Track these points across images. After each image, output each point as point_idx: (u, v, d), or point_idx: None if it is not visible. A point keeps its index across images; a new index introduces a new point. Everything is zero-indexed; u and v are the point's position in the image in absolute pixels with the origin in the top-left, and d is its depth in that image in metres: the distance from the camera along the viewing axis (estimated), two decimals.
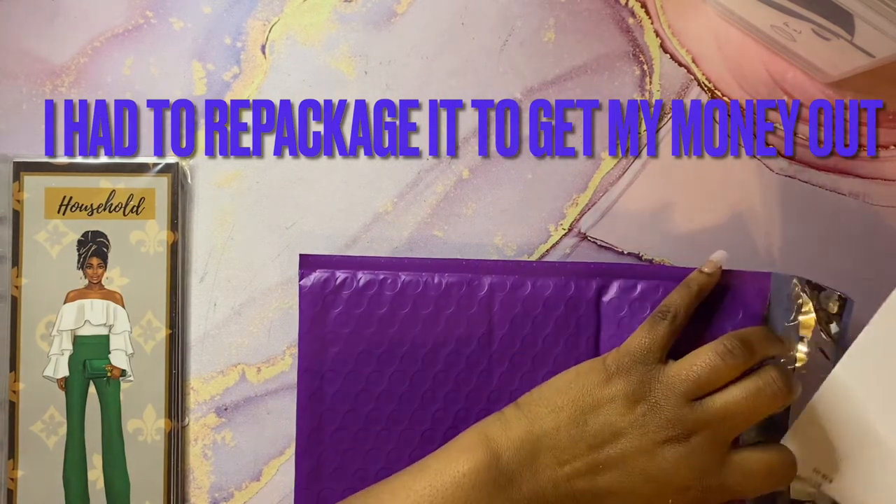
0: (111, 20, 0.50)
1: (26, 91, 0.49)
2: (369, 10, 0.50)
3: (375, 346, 0.46)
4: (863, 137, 0.49)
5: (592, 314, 0.46)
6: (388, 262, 0.47)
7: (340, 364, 0.46)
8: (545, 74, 0.50)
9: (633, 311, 0.46)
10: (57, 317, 0.48)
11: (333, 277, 0.46)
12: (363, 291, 0.46)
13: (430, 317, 0.46)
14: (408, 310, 0.46)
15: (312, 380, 0.46)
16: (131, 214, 0.48)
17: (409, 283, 0.46)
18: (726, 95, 0.49)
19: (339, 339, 0.46)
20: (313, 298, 0.46)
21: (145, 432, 0.47)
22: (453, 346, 0.46)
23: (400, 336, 0.46)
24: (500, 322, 0.46)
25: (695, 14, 0.50)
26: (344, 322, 0.46)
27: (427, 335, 0.46)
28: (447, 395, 0.46)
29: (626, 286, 0.46)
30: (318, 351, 0.46)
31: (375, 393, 0.46)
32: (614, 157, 0.49)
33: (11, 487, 0.47)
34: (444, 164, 0.49)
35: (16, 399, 0.47)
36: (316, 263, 0.47)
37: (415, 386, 0.46)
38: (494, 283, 0.46)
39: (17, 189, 0.48)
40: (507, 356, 0.46)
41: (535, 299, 0.46)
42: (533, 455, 0.41)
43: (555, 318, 0.46)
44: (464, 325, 0.46)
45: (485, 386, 0.46)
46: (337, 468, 0.46)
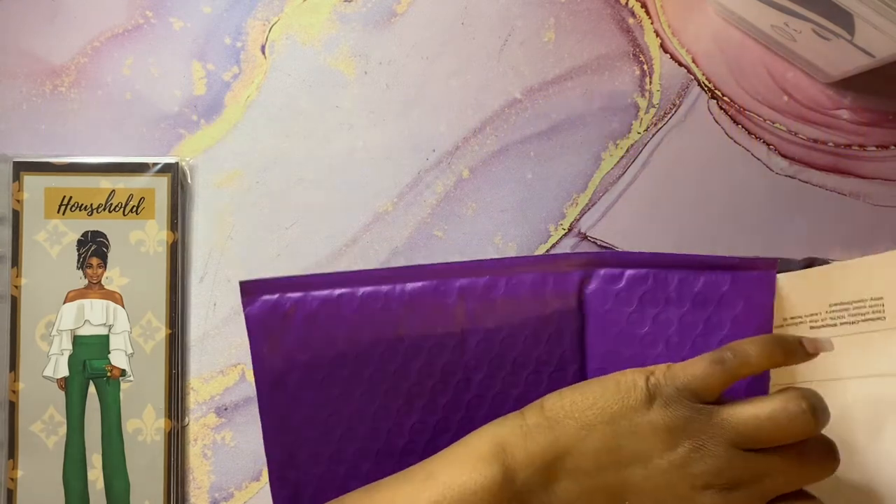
0: (111, 20, 0.50)
1: (26, 91, 0.49)
2: (369, 10, 0.50)
3: (339, 369, 0.43)
4: (863, 137, 0.49)
5: (575, 309, 0.43)
6: (344, 278, 0.43)
7: (302, 392, 0.43)
8: (545, 74, 0.50)
9: (619, 303, 0.43)
10: (57, 317, 0.48)
11: (283, 301, 0.43)
12: (318, 312, 0.43)
13: (396, 331, 0.43)
14: (370, 327, 0.43)
15: (274, 412, 0.43)
16: (131, 214, 0.48)
17: (368, 296, 0.43)
18: (726, 95, 0.49)
19: (297, 367, 0.43)
20: (263, 327, 0.43)
21: (145, 432, 0.47)
22: (425, 357, 0.43)
23: (365, 355, 0.43)
24: (474, 327, 0.43)
25: (695, 14, 0.50)
26: (301, 348, 0.43)
27: (395, 350, 0.43)
28: (424, 408, 0.43)
29: (612, 275, 0.43)
30: (277, 382, 0.43)
31: (345, 417, 0.43)
32: (614, 157, 0.49)
33: (11, 487, 0.47)
34: (444, 164, 0.49)
35: (15, 399, 0.47)
36: (261, 289, 0.43)
37: (387, 403, 0.43)
38: (464, 287, 0.43)
39: (17, 189, 0.48)
40: (485, 361, 0.43)
41: (510, 299, 0.43)
42: (553, 477, 0.37)
43: (534, 316, 0.43)
44: (434, 336, 0.43)
45: (463, 393, 0.43)
46: (315, 493, 0.44)
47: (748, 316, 0.42)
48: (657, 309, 0.43)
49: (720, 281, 0.43)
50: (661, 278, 0.42)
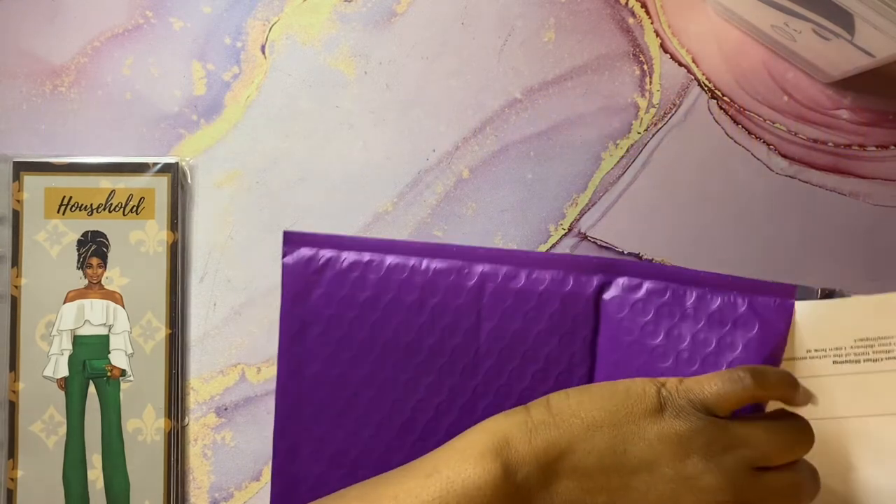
0: (111, 20, 0.50)
1: (26, 91, 0.49)
2: (369, 10, 0.50)
3: (357, 330, 0.44)
4: (863, 137, 0.49)
5: (591, 312, 0.44)
6: (376, 244, 0.45)
7: (320, 346, 0.44)
8: (545, 74, 0.50)
9: (634, 312, 0.43)
10: (57, 317, 0.48)
11: (317, 257, 0.45)
12: (347, 273, 0.44)
13: (415, 304, 0.44)
14: (392, 295, 0.44)
15: (291, 359, 0.45)
16: (131, 214, 0.48)
17: (394, 266, 0.44)
18: (726, 95, 0.49)
19: (320, 320, 0.44)
20: (296, 277, 0.45)
21: (145, 432, 0.47)
22: (438, 335, 0.44)
23: (383, 322, 0.44)
24: (490, 314, 0.44)
25: (695, 14, 0.50)
26: (325, 304, 0.44)
27: (411, 323, 0.44)
28: (429, 386, 0.44)
29: (631, 285, 0.44)
30: (299, 331, 0.45)
31: (355, 379, 0.44)
32: (614, 157, 0.49)
33: (11, 487, 0.47)
34: (444, 164, 0.49)
35: (16, 399, 0.47)
36: (300, 241, 0.45)
37: (396, 374, 0.44)
38: (486, 273, 0.44)
39: (17, 189, 0.48)
40: (496, 350, 0.44)
41: (528, 292, 0.44)
42: (554, 476, 0.37)
43: (549, 313, 0.44)
44: (450, 315, 0.44)
45: (469, 379, 0.44)
46: (314, 450, 0.45)
47: (762, 340, 0.42)
48: (672, 322, 0.44)
49: (737, 302, 0.43)
50: (679, 293, 0.43)
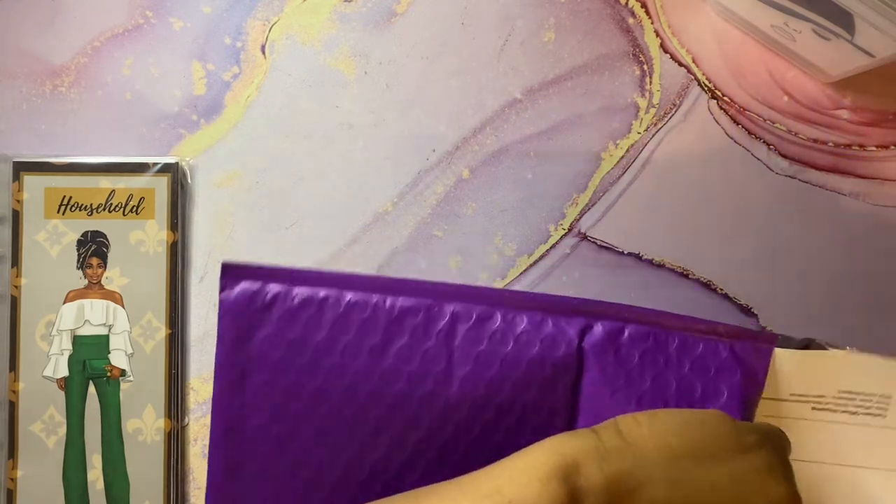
0: (111, 20, 0.50)
1: (26, 91, 0.49)
2: (369, 10, 0.50)
3: (308, 378, 0.39)
4: (863, 137, 0.49)
5: (573, 358, 0.40)
6: (333, 278, 0.40)
7: (264, 397, 0.39)
8: (545, 74, 0.50)
9: (619, 358, 0.40)
10: (57, 317, 0.48)
11: (263, 292, 0.39)
12: (298, 311, 0.39)
13: (378, 347, 0.39)
14: (350, 337, 0.39)
15: (228, 412, 0.39)
16: (131, 214, 0.48)
17: (354, 304, 0.39)
18: (726, 95, 0.49)
19: (265, 366, 0.39)
20: (236, 316, 0.39)
21: (145, 432, 0.47)
22: (403, 383, 0.39)
23: (340, 368, 0.39)
24: (462, 359, 0.40)
25: (695, 14, 0.50)
26: (271, 347, 0.39)
27: (373, 369, 0.39)
28: (392, 442, 0.39)
29: (613, 329, 0.40)
30: (239, 378, 0.39)
31: (305, 434, 0.39)
32: (614, 157, 0.49)
33: (11, 487, 0.47)
34: (444, 164, 0.49)
35: (15, 399, 0.47)
36: (242, 274, 0.40)
37: (353, 429, 0.39)
38: (457, 313, 0.40)
39: (17, 189, 0.48)
40: (468, 400, 0.39)
41: (504, 335, 0.40)
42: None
43: (528, 358, 0.40)
44: (417, 360, 0.39)
45: (438, 432, 0.39)
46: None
47: (744, 385, 0.41)
48: (657, 369, 0.41)
49: (719, 348, 0.41)
50: (661, 338, 0.41)
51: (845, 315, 0.48)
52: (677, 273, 0.49)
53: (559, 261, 0.49)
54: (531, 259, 0.49)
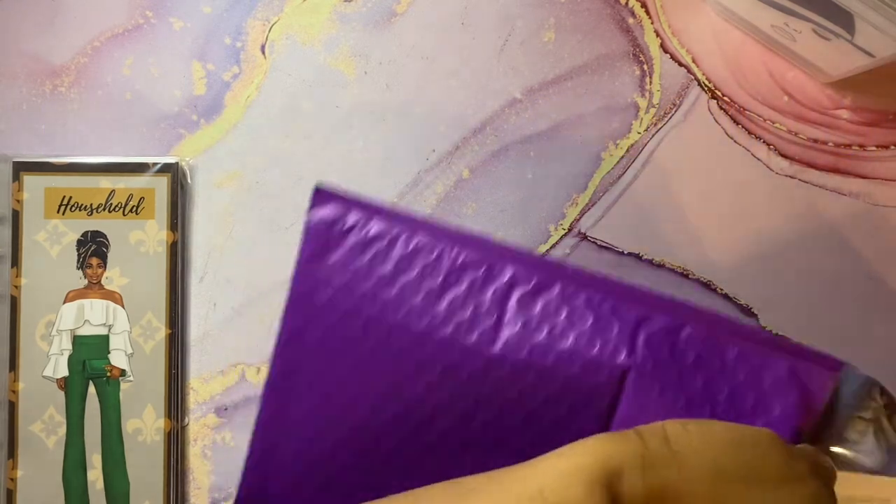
0: (111, 20, 0.50)
1: (26, 91, 0.49)
2: (369, 10, 0.50)
3: (368, 305, 0.41)
4: (863, 137, 0.49)
5: (625, 343, 0.40)
6: (407, 219, 0.41)
7: (327, 314, 0.41)
8: (545, 74, 0.50)
9: (675, 355, 0.40)
10: (56, 317, 0.48)
11: (343, 219, 0.41)
12: (370, 243, 0.41)
13: (434, 292, 0.41)
14: (412, 276, 0.41)
15: (294, 322, 0.41)
16: (131, 214, 0.48)
17: (422, 247, 0.41)
18: (726, 95, 0.49)
19: (332, 286, 0.41)
20: (316, 235, 0.41)
21: (145, 432, 0.47)
22: (451, 330, 0.40)
23: (396, 303, 0.41)
24: (512, 321, 0.40)
25: (695, 14, 0.50)
26: (341, 269, 0.41)
27: (425, 311, 0.40)
28: (428, 386, 0.40)
29: (672, 325, 0.40)
30: (309, 292, 0.41)
31: (353, 357, 0.41)
32: (614, 157, 0.49)
33: (11, 487, 0.47)
34: (444, 164, 0.49)
35: (15, 399, 0.47)
36: (329, 198, 0.42)
37: (396, 363, 0.40)
38: (517, 276, 0.40)
39: (17, 189, 0.48)
40: (509, 362, 0.40)
41: (558, 307, 0.40)
42: None
43: (577, 334, 0.40)
44: (469, 312, 0.40)
45: (474, 386, 0.40)
46: (304, 417, 0.41)
47: (799, 408, 0.40)
48: (710, 373, 0.41)
49: (779, 364, 0.40)
50: (720, 343, 0.40)
51: (845, 315, 0.48)
52: (677, 273, 0.49)
53: None
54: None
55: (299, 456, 0.42)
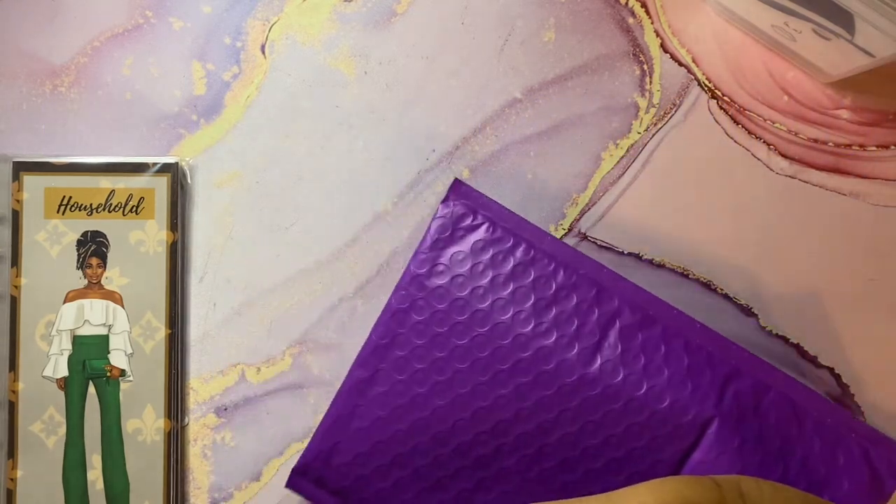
0: (111, 20, 0.50)
1: (26, 91, 0.49)
2: (369, 10, 0.50)
3: (478, 300, 0.43)
4: (863, 137, 0.49)
5: (715, 393, 0.41)
6: (531, 230, 0.43)
7: (437, 299, 0.43)
8: (545, 74, 0.50)
9: (759, 413, 0.41)
10: (56, 317, 0.48)
11: (471, 216, 0.44)
12: (491, 244, 0.43)
13: (543, 303, 0.42)
14: (524, 284, 0.42)
15: (406, 300, 0.43)
16: (131, 214, 0.48)
17: (540, 259, 0.43)
18: (726, 95, 0.49)
19: (448, 275, 0.43)
20: (444, 226, 0.44)
21: (145, 432, 0.47)
22: (552, 342, 0.42)
23: (505, 304, 0.42)
24: (612, 347, 0.42)
25: (695, 14, 0.50)
26: (460, 262, 0.43)
27: (531, 318, 0.42)
28: (517, 388, 0.42)
29: (759, 386, 0.41)
30: (426, 275, 0.43)
31: (451, 345, 0.42)
32: (614, 157, 0.49)
33: (11, 487, 0.47)
34: (444, 164, 0.49)
35: (15, 399, 0.47)
36: (464, 195, 0.44)
37: (490, 359, 0.42)
38: (623, 307, 0.42)
39: (17, 189, 0.48)
40: (602, 383, 0.41)
41: (657, 344, 0.42)
42: None
43: (670, 374, 0.41)
44: (572, 329, 0.42)
45: (562, 399, 0.42)
46: (388, 391, 0.43)
47: (868, 490, 0.41)
48: (789, 437, 0.42)
49: (853, 445, 0.42)
50: (801, 412, 0.41)
51: (845, 315, 0.48)
52: (677, 273, 0.49)
53: None
54: None
55: (374, 428, 0.43)
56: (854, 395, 0.48)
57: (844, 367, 0.48)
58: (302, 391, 0.49)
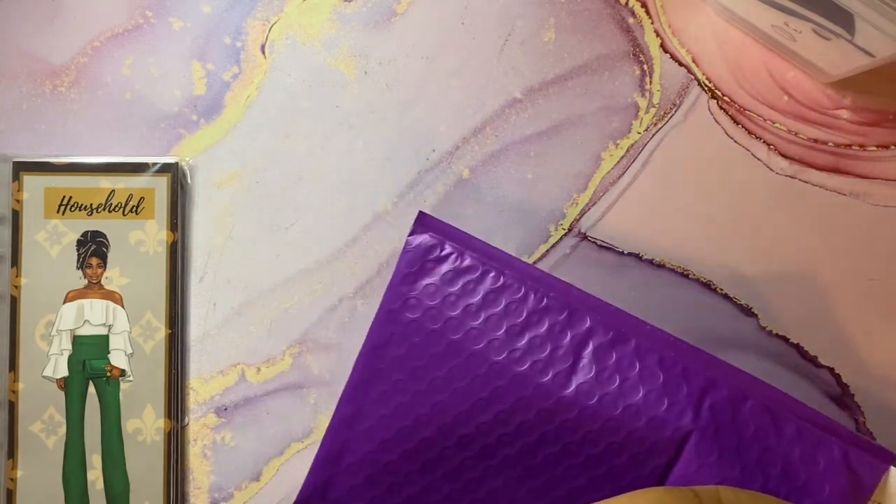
0: (111, 20, 0.50)
1: (26, 91, 0.49)
2: (369, 10, 0.50)
3: (452, 331, 0.43)
4: (863, 137, 0.49)
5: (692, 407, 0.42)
6: (499, 256, 0.44)
7: (412, 332, 0.43)
8: (545, 74, 0.50)
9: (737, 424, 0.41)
10: (56, 317, 0.48)
11: (439, 247, 0.44)
12: (462, 274, 0.43)
13: (516, 329, 0.43)
14: (497, 311, 0.43)
15: (382, 334, 0.43)
16: (131, 214, 0.48)
17: (510, 285, 0.43)
18: (726, 95, 0.49)
19: (420, 308, 0.43)
20: (412, 260, 0.44)
21: (145, 432, 0.47)
22: (528, 368, 0.42)
23: (479, 333, 0.43)
24: (586, 368, 0.42)
25: (695, 14, 0.50)
26: (430, 295, 0.43)
27: (505, 345, 0.43)
28: (498, 414, 0.42)
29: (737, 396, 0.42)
30: (399, 309, 0.43)
31: (431, 376, 0.43)
32: (614, 157, 0.49)
33: (11, 487, 0.47)
34: (444, 164, 0.49)
35: (15, 399, 0.47)
36: (430, 226, 0.44)
37: (470, 388, 0.43)
38: (595, 327, 0.43)
39: (17, 189, 0.48)
40: (579, 406, 0.42)
41: (632, 362, 0.42)
42: None
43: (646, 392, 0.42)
44: (546, 353, 0.42)
45: (541, 423, 0.42)
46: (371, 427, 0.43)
47: (848, 494, 0.41)
48: (767, 445, 0.42)
49: (833, 449, 0.42)
50: (780, 420, 0.42)
51: (845, 316, 0.48)
52: (677, 273, 0.49)
53: (559, 261, 0.49)
54: (531, 259, 0.49)
55: (365, 461, 0.44)
56: (854, 395, 0.48)
57: (844, 367, 0.48)
58: (302, 391, 0.49)
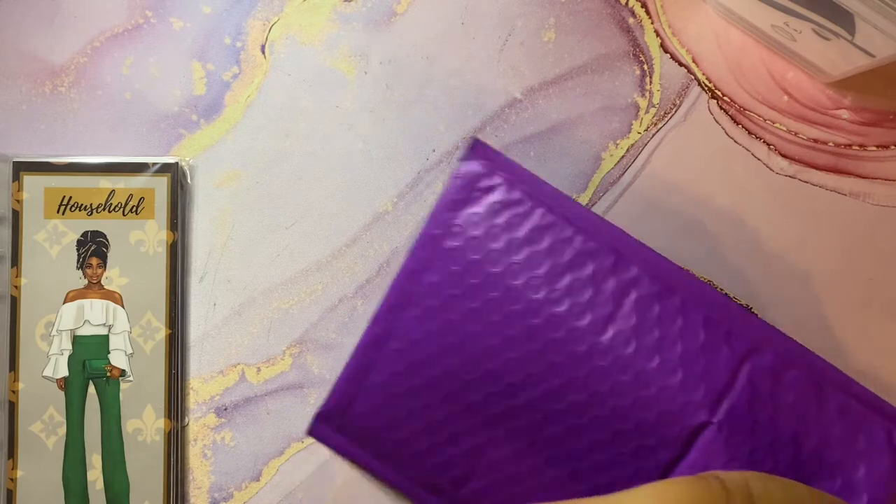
0: (111, 20, 0.50)
1: (26, 91, 0.49)
2: (369, 10, 0.50)
3: (491, 264, 0.41)
4: (863, 137, 0.49)
5: (733, 368, 0.40)
6: (549, 193, 0.42)
7: (450, 260, 0.42)
8: (545, 74, 0.50)
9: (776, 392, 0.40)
10: (56, 317, 0.48)
11: (490, 176, 0.42)
12: (509, 206, 0.42)
13: (558, 269, 0.41)
14: (539, 249, 0.41)
15: (421, 261, 0.42)
16: (131, 214, 0.48)
17: (556, 224, 0.42)
18: (726, 95, 0.49)
19: (463, 237, 0.42)
20: (461, 186, 0.42)
21: (145, 432, 0.47)
22: (565, 309, 0.41)
23: (519, 269, 0.41)
24: (625, 317, 0.41)
25: (695, 14, 0.50)
26: (475, 224, 0.42)
27: (544, 283, 0.41)
28: (527, 354, 0.41)
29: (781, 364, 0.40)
30: (440, 236, 0.42)
31: (463, 308, 0.41)
32: (614, 157, 0.49)
33: (11, 487, 0.47)
34: (444, 164, 0.49)
35: (15, 399, 0.47)
36: (482, 154, 0.43)
37: (503, 324, 0.41)
38: (641, 276, 0.41)
39: (17, 189, 0.48)
40: (613, 354, 0.40)
41: (674, 316, 0.40)
42: None
43: (685, 347, 0.40)
44: (586, 297, 0.41)
45: (572, 367, 0.40)
46: (399, 349, 0.42)
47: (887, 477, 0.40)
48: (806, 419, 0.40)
49: (876, 429, 0.40)
50: (823, 394, 0.40)
51: (845, 316, 0.48)
52: None
53: None
54: None
55: (390, 383, 0.43)
56: None
57: (844, 367, 0.48)
58: (302, 391, 0.49)
